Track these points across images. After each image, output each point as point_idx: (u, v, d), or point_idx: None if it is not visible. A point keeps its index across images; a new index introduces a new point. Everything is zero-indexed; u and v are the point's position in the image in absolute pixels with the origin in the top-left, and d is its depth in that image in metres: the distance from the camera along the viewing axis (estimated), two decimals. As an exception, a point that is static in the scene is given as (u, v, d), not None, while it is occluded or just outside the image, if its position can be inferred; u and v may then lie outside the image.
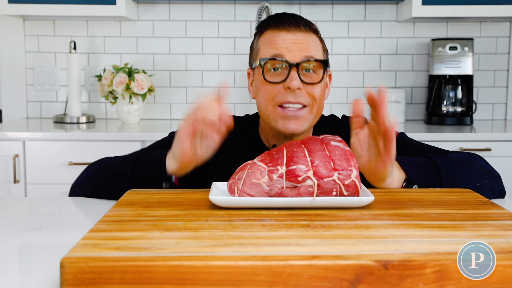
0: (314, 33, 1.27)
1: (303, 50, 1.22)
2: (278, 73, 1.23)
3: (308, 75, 1.23)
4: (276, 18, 1.27)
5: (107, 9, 2.54)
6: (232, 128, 1.06)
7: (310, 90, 1.23)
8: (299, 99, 1.21)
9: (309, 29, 1.26)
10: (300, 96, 1.21)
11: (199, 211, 0.88)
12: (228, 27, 2.84)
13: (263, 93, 1.25)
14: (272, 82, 1.22)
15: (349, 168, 0.91)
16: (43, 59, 2.86)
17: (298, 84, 1.20)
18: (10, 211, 1.08)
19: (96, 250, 0.67)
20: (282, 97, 1.22)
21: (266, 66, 1.23)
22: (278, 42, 1.23)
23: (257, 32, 1.31)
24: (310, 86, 1.23)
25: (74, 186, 1.25)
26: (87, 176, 1.23)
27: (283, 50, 1.22)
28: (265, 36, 1.27)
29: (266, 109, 1.25)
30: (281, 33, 1.24)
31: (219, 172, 1.22)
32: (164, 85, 2.89)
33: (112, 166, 1.19)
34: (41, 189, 2.33)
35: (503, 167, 2.37)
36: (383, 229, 0.78)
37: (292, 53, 1.22)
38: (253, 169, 0.93)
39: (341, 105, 2.90)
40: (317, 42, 1.27)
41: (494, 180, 1.19)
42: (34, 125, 2.65)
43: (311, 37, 1.26)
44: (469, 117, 2.72)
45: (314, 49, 1.24)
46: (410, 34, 2.87)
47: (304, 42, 1.23)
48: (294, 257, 0.65)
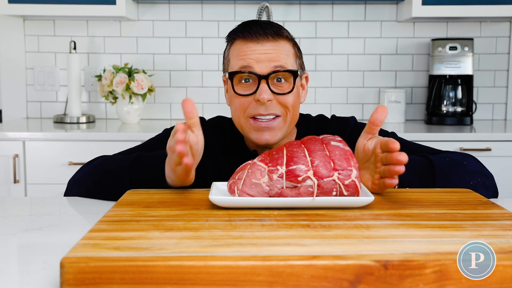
0: (284, 39, 1.24)
1: (272, 61, 1.20)
2: (248, 85, 1.22)
3: (278, 86, 1.21)
4: (245, 28, 1.24)
5: (107, 9, 2.54)
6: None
7: (282, 100, 1.21)
8: (271, 110, 1.21)
9: (278, 37, 1.22)
10: (271, 107, 1.20)
11: (199, 211, 0.88)
12: (228, 27, 2.81)
13: (235, 105, 1.24)
14: (242, 95, 1.21)
15: (349, 168, 0.91)
16: (43, 59, 2.86)
17: (268, 96, 1.19)
18: (10, 211, 1.08)
19: (96, 250, 0.67)
20: (253, 109, 1.21)
21: (236, 79, 1.22)
22: (247, 53, 1.21)
23: (227, 41, 1.29)
24: (282, 96, 1.21)
25: (70, 184, 1.25)
26: (83, 175, 1.23)
27: (252, 62, 1.20)
28: (235, 47, 1.25)
29: (239, 121, 1.25)
30: (249, 44, 1.21)
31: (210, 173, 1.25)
32: (164, 85, 2.89)
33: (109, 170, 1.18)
34: (41, 189, 2.33)
35: (503, 167, 2.37)
36: (383, 229, 0.78)
37: (261, 65, 1.20)
38: (253, 169, 0.93)
39: (341, 105, 2.90)
40: (288, 48, 1.24)
41: (487, 179, 1.19)
42: (34, 125, 2.65)
43: (281, 45, 1.22)
44: (469, 117, 2.72)
45: (284, 57, 1.22)
46: (410, 34, 2.87)
47: (273, 52, 1.21)
48: (294, 257, 0.65)
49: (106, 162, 1.21)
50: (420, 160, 1.16)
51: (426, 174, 1.14)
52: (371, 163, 1.05)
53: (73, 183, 1.25)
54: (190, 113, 0.99)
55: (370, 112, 2.90)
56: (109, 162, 1.20)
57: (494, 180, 1.21)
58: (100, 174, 1.19)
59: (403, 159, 0.96)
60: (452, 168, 1.16)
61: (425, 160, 1.16)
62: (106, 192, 1.16)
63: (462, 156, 1.22)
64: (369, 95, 2.91)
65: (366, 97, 2.91)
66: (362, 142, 1.07)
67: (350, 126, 1.34)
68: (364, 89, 2.91)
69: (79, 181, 1.23)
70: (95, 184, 1.18)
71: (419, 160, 1.16)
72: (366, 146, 1.06)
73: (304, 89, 1.32)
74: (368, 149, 1.05)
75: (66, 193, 1.25)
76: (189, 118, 1.00)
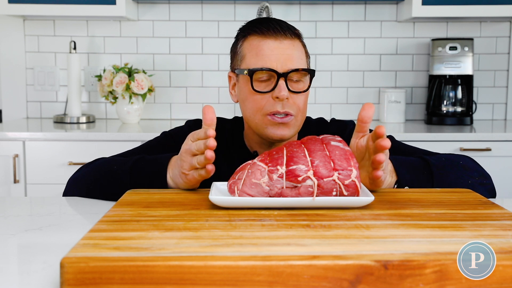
0: (298, 39, 1.26)
1: (290, 60, 1.22)
2: (265, 82, 1.23)
3: (295, 84, 1.23)
4: (262, 23, 1.24)
5: (107, 9, 2.54)
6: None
7: (296, 99, 1.23)
8: (287, 108, 1.22)
9: (295, 36, 1.25)
10: (287, 105, 1.22)
11: (199, 211, 0.88)
12: (228, 27, 2.84)
13: (251, 103, 1.24)
14: (261, 92, 1.22)
15: (349, 168, 0.91)
16: (43, 59, 2.87)
17: (287, 94, 1.20)
18: (10, 211, 1.08)
19: (96, 250, 0.67)
20: (270, 107, 1.22)
21: (254, 76, 1.23)
22: (265, 51, 1.22)
23: (240, 35, 1.29)
24: (296, 95, 1.23)
25: (70, 183, 1.25)
26: (83, 175, 1.23)
27: (271, 60, 1.21)
28: (250, 42, 1.25)
29: (254, 118, 1.25)
30: (267, 41, 1.23)
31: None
32: (164, 85, 2.89)
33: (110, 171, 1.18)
34: (41, 189, 2.33)
35: (503, 167, 2.37)
36: (383, 229, 0.78)
37: (280, 63, 1.21)
38: (253, 169, 0.93)
39: (341, 105, 2.90)
40: (301, 48, 1.27)
41: (484, 178, 1.20)
42: (34, 125, 2.65)
43: (296, 44, 1.25)
44: (469, 117, 2.72)
45: (300, 57, 1.24)
46: (410, 34, 2.87)
47: (290, 51, 1.23)
48: (294, 257, 0.65)
49: (106, 163, 1.21)
50: (417, 161, 1.17)
51: (424, 174, 1.14)
52: (366, 160, 1.06)
53: (72, 183, 1.25)
54: (210, 120, 1.02)
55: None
56: (110, 163, 1.20)
57: (491, 180, 1.21)
58: (100, 174, 1.19)
59: (386, 144, 0.97)
60: (449, 168, 1.16)
61: (422, 161, 1.17)
62: (106, 193, 1.16)
63: (458, 157, 1.22)
64: (369, 95, 2.91)
65: (366, 97, 2.91)
66: (355, 141, 1.09)
67: (348, 129, 1.36)
68: (364, 89, 2.91)
69: (79, 180, 1.23)
70: (95, 184, 1.19)
71: (416, 161, 1.17)
72: (359, 143, 1.08)
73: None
74: (362, 146, 1.07)
75: (65, 193, 1.25)
76: (208, 125, 1.02)
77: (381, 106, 2.81)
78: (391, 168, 1.11)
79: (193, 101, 2.89)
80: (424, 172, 1.14)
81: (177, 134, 1.34)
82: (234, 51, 1.32)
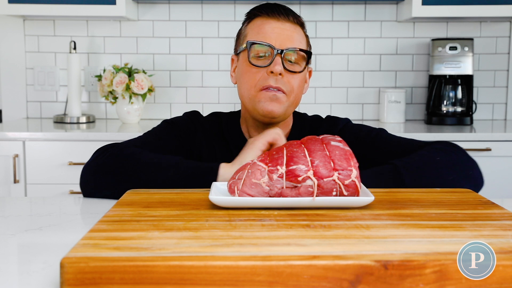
0: (301, 27, 1.31)
1: (289, 40, 1.26)
2: (263, 59, 1.27)
3: (291, 64, 1.27)
4: (267, 6, 1.30)
5: (107, 9, 2.54)
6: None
7: (290, 79, 1.27)
8: (280, 84, 1.25)
9: (297, 21, 1.30)
10: (281, 81, 1.25)
11: (199, 211, 0.88)
12: (228, 27, 2.84)
13: (246, 78, 1.29)
14: (257, 66, 1.26)
15: (349, 168, 0.91)
16: (43, 59, 2.86)
17: (281, 69, 1.24)
18: (10, 211, 1.08)
19: (96, 250, 0.67)
20: (264, 81, 1.26)
21: (252, 50, 1.27)
22: (266, 29, 1.27)
23: (246, 19, 1.35)
24: (291, 75, 1.27)
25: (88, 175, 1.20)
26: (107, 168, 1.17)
27: (270, 37, 1.26)
28: (254, 23, 1.31)
29: (248, 93, 1.29)
30: (270, 21, 1.28)
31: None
32: (164, 85, 2.89)
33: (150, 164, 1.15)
34: (41, 189, 2.33)
35: (503, 167, 2.37)
36: (383, 229, 0.78)
37: (278, 41, 1.26)
38: (253, 169, 0.93)
39: (341, 105, 2.90)
40: (303, 36, 1.31)
41: (467, 168, 1.18)
42: (34, 125, 2.65)
43: (298, 29, 1.30)
44: (469, 117, 2.72)
45: (299, 40, 1.28)
46: (410, 34, 2.87)
47: (291, 33, 1.27)
48: (294, 257, 0.65)
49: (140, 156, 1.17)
50: (385, 169, 1.15)
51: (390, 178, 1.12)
52: None
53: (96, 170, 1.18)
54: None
55: (370, 112, 2.90)
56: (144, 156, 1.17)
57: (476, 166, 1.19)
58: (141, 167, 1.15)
59: None
60: (422, 168, 1.15)
61: (387, 165, 1.16)
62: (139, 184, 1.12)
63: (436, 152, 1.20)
64: (369, 95, 2.91)
65: (366, 97, 2.91)
66: None
67: (340, 126, 1.37)
68: (364, 89, 2.91)
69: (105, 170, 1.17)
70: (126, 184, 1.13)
71: (385, 169, 1.15)
72: None
73: (306, 82, 1.37)
74: None
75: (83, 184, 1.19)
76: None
77: (381, 106, 2.81)
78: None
79: (193, 101, 2.89)
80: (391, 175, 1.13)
81: (179, 123, 1.38)
82: (238, 34, 1.37)
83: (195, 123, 1.38)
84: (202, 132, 1.37)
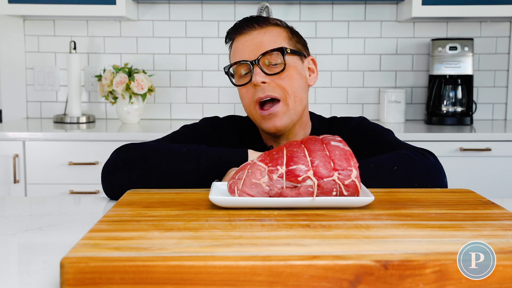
0: (272, 25, 1.28)
1: (260, 46, 1.25)
2: (245, 76, 1.27)
3: (271, 67, 1.25)
4: (236, 26, 1.30)
5: (107, 9, 2.54)
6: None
7: (279, 81, 1.24)
8: (268, 92, 1.24)
9: (265, 24, 1.28)
10: (267, 89, 1.24)
11: (199, 211, 0.88)
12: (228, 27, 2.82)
13: (242, 99, 1.30)
14: (241, 85, 1.27)
15: (349, 168, 0.91)
16: (43, 59, 2.87)
17: (261, 78, 1.23)
18: (10, 211, 1.08)
19: (96, 250, 0.67)
20: (254, 95, 1.25)
21: (235, 73, 1.29)
22: (238, 48, 1.28)
23: (227, 43, 1.35)
24: (277, 77, 1.24)
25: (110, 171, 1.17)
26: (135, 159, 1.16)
27: (243, 53, 1.26)
28: (233, 46, 1.32)
29: (250, 113, 1.30)
30: (240, 38, 1.29)
31: None
32: (164, 85, 2.89)
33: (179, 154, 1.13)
34: (41, 189, 2.33)
35: (503, 167, 2.37)
36: (383, 229, 0.78)
37: (251, 53, 1.25)
38: (253, 169, 0.93)
39: (341, 105, 2.90)
40: (277, 32, 1.27)
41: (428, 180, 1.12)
42: (34, 125, 2.65)
43: (268, 30, 1.27)
44: (469, 117, 2.72)
45: (272, 41, 1.25)
46: (410, 34, 2.87)
47: (260, 39, 1.26)
48: (294, 257, 0.65)
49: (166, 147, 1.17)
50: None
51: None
52: None
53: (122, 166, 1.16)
54: None
55: (370, 112, 2.90)
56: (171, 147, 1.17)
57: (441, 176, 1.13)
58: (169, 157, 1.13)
59: None
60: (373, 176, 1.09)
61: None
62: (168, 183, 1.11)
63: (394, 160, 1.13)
64: (369, 95, 2.91)
65: (366, 97, 2.91)
66: None
67: (354, 123, 1.35)
68: (364, 89, 2.91)
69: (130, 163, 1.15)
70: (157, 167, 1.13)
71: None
72: None
73: (314, 72, 1.35)
74: None
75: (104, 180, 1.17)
76: None
77: (381, 106, 2.81)
78: None
79: (193, 101, 2.89)
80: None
81: (200, 128, 1.36)
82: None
83: (216, 127, 1.37)
84: (223, 136, 1.36)
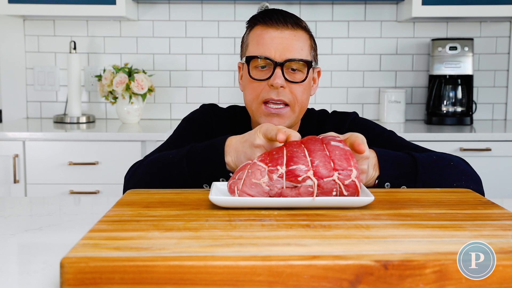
0: (302, 30, 1.28)
1: (289, 50, 1.24)
2: (263, 71, 1.26)
3: (292, 74, 1.25)
4: (266, 14, 1.28)
5: (107, 9, 2.55)
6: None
7: (293, 89, 1.25)
8: (282, 96, 1.24)
9: (297, 26, 1.27)
10: (282, 93, 1.24)
11: (199, 211, 0.88)
12: (228, 27, 2.84)
13: (249, 90, 1.28)
14: (257, 80, 1.25)
15: (349, 168, 0.91)
16: (43, 59, 2.87)
17: (282, 82, 1.23)
18: (10, 211, 1.08)
19: (96, 250, 0.67)
20: (266, 94, 1.25)
21: (252, 64, 1.26)
22: (265, 40, 1.25)
23: (247, 26, 1.33)
24: (294, 85, 1.25)
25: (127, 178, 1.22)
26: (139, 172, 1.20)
27: (270, 49, 1.24)
28: (254, 32, 1.29)
29: (251, 106, 1.29)
30: (269, 30, 1.26)
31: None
32: (164, 85, 2.89)
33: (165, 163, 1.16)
34: (41, 189, 2.33)
35: (503, 167, 2.37)
36: (383, 229, 0.78)
37: (278, 52, 1.24)
38: (253, 169, 0.93)
39: (341, 105, 2.90)
40: (305, 39, 1.28)
41: (472, 183, 1.15)
42: (34, 125, 2.65)
43: (299, 35, 1.27)
44: (469, 117, 2.72)
45: (300, 48, 1.26)
46: (410, 34, 2.87)
47: (290, 42, 1.25)
48: (294, 257, 0.65)
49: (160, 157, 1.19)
50: (404, 157, 1.14)
51: (408, 171, 1.11)
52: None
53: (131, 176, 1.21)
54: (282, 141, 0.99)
55: (370, 112, 2.90)
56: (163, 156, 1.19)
57: (481, 184, 1.18)
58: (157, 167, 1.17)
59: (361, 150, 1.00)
60: (437, 168, 1.14)
61: (410, 157, 1.14)
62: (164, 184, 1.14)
63: (450, 157, 1.19)
64: (369, 95, 2.91)
65: (366, 97, 2.91)
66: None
67: (349, 120, 1.36)
68: (364, 89, 2.91)
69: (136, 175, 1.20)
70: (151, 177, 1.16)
71: (403, 157, 1.13)
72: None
73: (315, 83, 1.36)
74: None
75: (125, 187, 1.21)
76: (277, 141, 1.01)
77: (381, 106, 2.81)
78: (374, 162, 1.09)
79: (193, 101, 2.89)
80: (409, 169, 1.11)
81: (195, 117, 1.38)
82: (242, 41, 1.35)
83: (211, 114, 1.38)
84: (218, 124, 1.37)
